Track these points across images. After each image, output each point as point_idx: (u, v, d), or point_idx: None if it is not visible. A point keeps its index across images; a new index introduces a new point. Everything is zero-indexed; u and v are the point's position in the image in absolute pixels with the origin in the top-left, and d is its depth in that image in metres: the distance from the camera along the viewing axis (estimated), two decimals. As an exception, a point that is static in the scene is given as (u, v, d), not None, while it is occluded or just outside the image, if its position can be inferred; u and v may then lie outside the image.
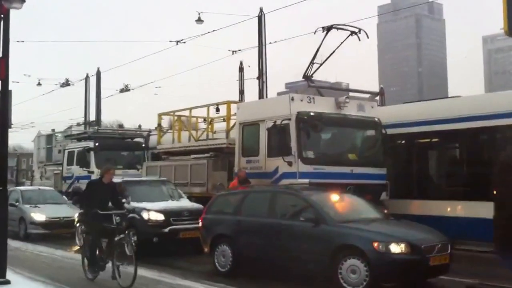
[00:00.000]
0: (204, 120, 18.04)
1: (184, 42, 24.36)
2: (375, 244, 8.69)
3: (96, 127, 27.33)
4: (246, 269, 10.63)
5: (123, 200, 13.88)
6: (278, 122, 12.69)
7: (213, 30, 23.05)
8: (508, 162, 3.69)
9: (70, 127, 33.18)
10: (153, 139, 21.28)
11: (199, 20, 24.88)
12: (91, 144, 21.49)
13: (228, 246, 10.70)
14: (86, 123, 34.61)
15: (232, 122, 15.50)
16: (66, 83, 33.23)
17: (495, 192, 3.98)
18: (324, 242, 9.22)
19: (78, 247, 15.13)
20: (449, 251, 9.16)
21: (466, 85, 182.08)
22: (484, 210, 11.96)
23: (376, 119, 13.75)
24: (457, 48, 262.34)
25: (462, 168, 13.56)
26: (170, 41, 24.43)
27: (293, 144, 12.44)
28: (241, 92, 26.66)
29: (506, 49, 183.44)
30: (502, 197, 3.77)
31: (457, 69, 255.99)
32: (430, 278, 9.39)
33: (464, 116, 12.83)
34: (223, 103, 16.78)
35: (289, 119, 12.55)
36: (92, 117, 34.90)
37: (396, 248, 8.69)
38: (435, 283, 9.55)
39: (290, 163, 12.35)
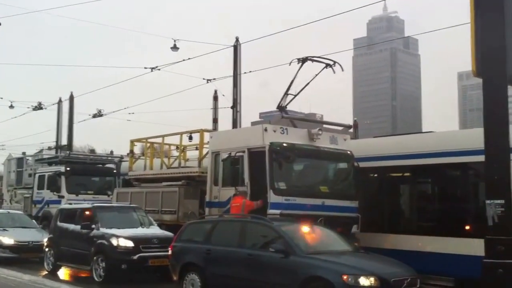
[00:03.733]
0: (177, 147, 17.97)
1: (159, 69, 24.35)
2: (345, 277, 8.70)
3: (67, 152, 27.04)
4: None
5: (92, 226, 13.76)
6: (233, 153, 12.94)
7: (188, 58, 23.11)
8: None
9: (41, 151, 32.69)
10: (124, 165, 21.11)
11: (175, 48, 24.97)
12: (62, 168, 21.32)
13: (197, 275, 10.61)
14: (58, 147, 34.18)
15: (205, 151, 15.48)
16: (39, 107, 32.87)
17: None
18: (293, 273, 9.21)
19: (47, 272, 14.85)
20: (418, 285, 9.22)
21: (441, 120, 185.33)
22: (453, 245, 12.13)
23: (349, 152, 13.86)
24: (432, 83, 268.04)
25: (433, 203, 13.71)
26: (145, 68, 24.38)
27: (246, 175, 12.65)
28: (215, 120, 26.67)
29: (481, 86, 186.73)
30: None
31: (432, 104, 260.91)
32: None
33: (436, 152, 13.01)
34: (196, 131, 16.75)
35: (243, 152, 12.80)
36: (64, 141, 34.54)
37: (365, 282, 8.71)
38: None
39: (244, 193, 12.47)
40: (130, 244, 13.00)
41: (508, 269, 3.38)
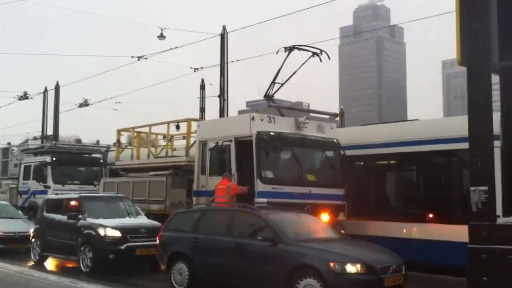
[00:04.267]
0: (164, 137, 17.93)
1: (146, 58, 24.22)
2: (331, 264, 8.78)
3: (53, 142, 26.87)
4: (202, 287, 10.56)
5: (79, 216, 13.72)
6: (220, 142, 13.01)
7: (176, 47, 23.03)
8: None
9: (26, 141, 32.43)
10: (111, 155, 21.04)
11: (161, 36, 24.85)
12: (48, 158, 21.21)
13: (185, 264, 10.63)
14: (43, 137, 33.93)
15: (192, 140, 15.46)
16: (24, 96, 32.59)
17: None
18: (281, 262, 9.26)
19: (33, 263, 14.80)
20: (403, 272, 9.31)
21: (426, 108, 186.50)
22: (438, 232, 12.27)
23: (335, 140, 13.93)
24: (418, 71, 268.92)
25: (419, 191, 13.83)
26: (132, 57, 24.24)
27: (233, 164, 12.71)
28: (202, 109, 26.63)
29: (465, 74, 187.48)
30: None
31: (417, 92, 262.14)
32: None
33: (421, 139, 13.12)
34: (183, 120, 16.73)
35: (230, 141, 12.85)
36: (50, 131, 34.28)
37: (351, 268, 8.79)
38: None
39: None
40: (117, 234, 12.99)
41: (491, 254, 3.44)
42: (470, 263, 3.58)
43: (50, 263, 15.07)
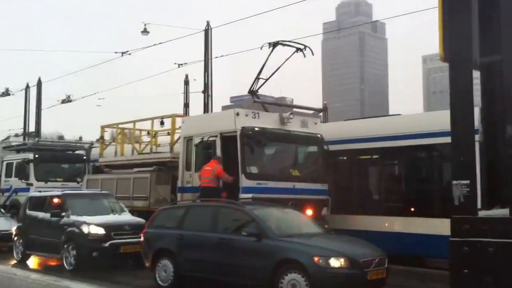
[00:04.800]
0: (148, 133, 17.87)
1: (130, 54, 24.11)
2: (316, 259, 8.85)
3: (35, 138, 26.62)
4: (187, 283, 10.57)
5: (62, 214, 13.63)
6: (205, 138, 13.05)
7: (160, 43, 22.94)
8: None
9: (8, 138, 32.14)
10: (94, 151, 20.91)
11: (145, 31, 24.74)
12: (30, 155, 20.97)
13: (170, 260, 10.62)
14: (25, 134, 33.60)
15: (176, 136, 15.43)
16: (6, 93, 32.25)
17: None
18: (266, 256, 9.31)
19: (16, 261, 14.69)
20: (386, 265, 9.41)
21: (407, 102, 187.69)
22: (421, 226, 12.42)
23: (319, 135, 14.00)
24: (399, 67, 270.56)
25: (401, 185, 13.98)
26: (116, 52, 24.11)
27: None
28: (186, 105, 26.58)
29: (444, 69, 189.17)
30: None
31: (399, 87, 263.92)
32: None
33: (403, 134, 13.25)
34: (168, 116, 16.68)
35: (215, 136, 12.92)
36: (32, 128, 33.97)
37: (335, 263, 8.87)
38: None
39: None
40: (101, 231, 12.92)
41: (473, 247, 3.52)
42: (452, 256, 3.65)
43: (33, 262, 14.96)
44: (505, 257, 3.43)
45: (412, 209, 12.92)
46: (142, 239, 11.58)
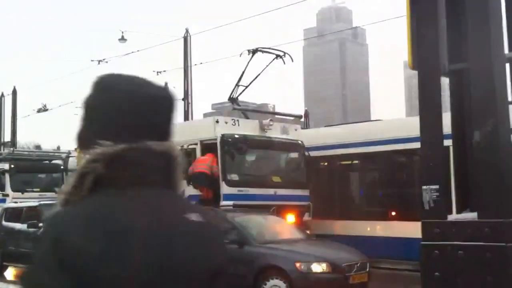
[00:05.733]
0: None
1: (107, 62, 24.03)
2: (297, 264, 8.91)
3: (11, 148, 26.36)
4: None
5: (39, 224, 13.49)
6: (185, 146, 13.01)
7: (138, 50, 22.92)
8: None
9: (-18, 149, 31.75)
10: (73, 161, 20.76)
11: (122, 39, 24.67)
12: (6, 166, 20.77)
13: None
14: (1, 144, 33.21)
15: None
16: (-20, 102, 31.87)
17: None
18: (248, 263, 9.32)
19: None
20: (368, 269, 9.50)
21: (389, 108, 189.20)
22: (401, 229, 12.53)
23: (300, 142, 14.09)
24: (381, 72, 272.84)
25: (382, 190, 14.11)
26: (92, 60, 24.03)
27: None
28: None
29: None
30: None
31: (381, 93, 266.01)
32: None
33: (383, 139, 13.38)
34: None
35: (196, 144, 12.96)
36: (7, 137, 33.58)
37: (317, 268, 8.95)
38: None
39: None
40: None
41: (443, 250, 3.62)
42: (423, 259, 3.74)
43: (11, 273, 14.77)
44: (474, 260, 3.53)
45: (393, 213, 13.04)
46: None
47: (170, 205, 1.42)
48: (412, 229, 12.15)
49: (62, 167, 21.82)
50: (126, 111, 1.42)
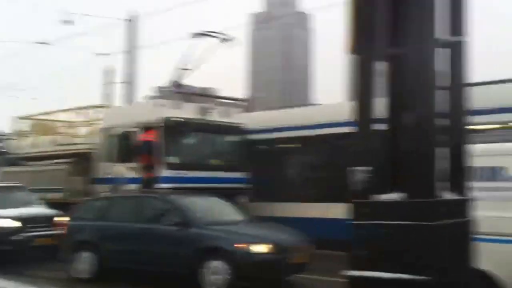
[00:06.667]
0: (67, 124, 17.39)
1: (49, 44, 23.31)
2: (239, 245, 9.00)
3: None
4: (110, 275, 10.44)
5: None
6: (126, 129, 13.01)
7: (82, 32, 22.32)
8: None
9: None
10: (11, 144, 20.10)
11: (67, 21, 23.89)
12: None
13: (92, 252, 10.45)
14: None
15: (96, 127, 15.12)
16: None
17: None
18: (191, 245, 9.36)
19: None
20: (308, 250, 9.69)
21: (334, 93, 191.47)
22: (339, 211, 12.83)
23: (240, 125, 14.15)
24: (326, 58, 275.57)
25: (320, 172, 14.34)
26: (36, 43, 23.23)
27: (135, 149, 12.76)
28: (107, 96, 26.04)
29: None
30: None
31: (325, 78, 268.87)
32: (290, 276, 9.86)
33: (322, 123, 13.60)
34: (87, 107, 16.31)
35: (136, 127, 12.93)
36: None
37: (257, 248, 9.07)
38: (294, 281, 10.04)
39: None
40: (14, 224, 12.49)
41: (371, 229, 3.79)
42: (352, 237, 3.90)
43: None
44: (402, 238, 3.70)
45: (329, 195, 13.29)
46: (63, 231, 11.32)
47: None
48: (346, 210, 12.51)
49: None
50: None
